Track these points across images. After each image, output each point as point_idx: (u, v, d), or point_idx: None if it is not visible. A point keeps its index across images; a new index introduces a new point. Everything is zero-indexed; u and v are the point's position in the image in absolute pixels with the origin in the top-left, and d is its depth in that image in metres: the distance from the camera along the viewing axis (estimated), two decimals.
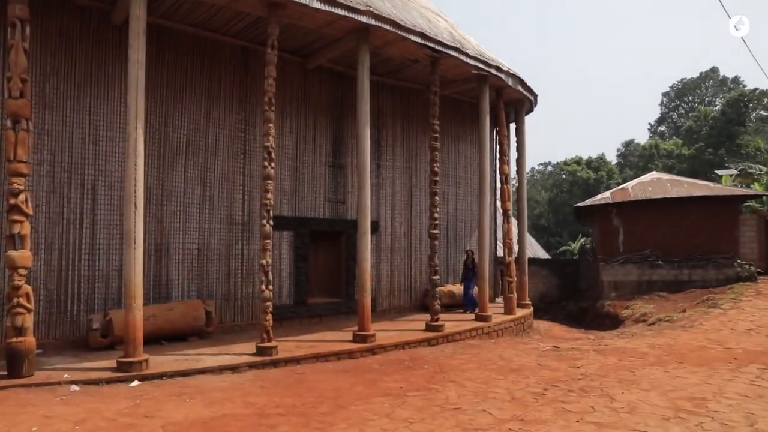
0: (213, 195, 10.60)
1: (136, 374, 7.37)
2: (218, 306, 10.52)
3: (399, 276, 13.71)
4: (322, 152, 12.30)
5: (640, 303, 17.65)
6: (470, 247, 15.58)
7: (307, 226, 11.83)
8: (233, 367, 8.06)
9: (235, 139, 10.96)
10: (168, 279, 9.99)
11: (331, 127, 12.51)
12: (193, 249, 10.31)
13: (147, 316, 8.92)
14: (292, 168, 11.75)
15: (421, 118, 14.40)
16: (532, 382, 7.64)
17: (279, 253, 11.41)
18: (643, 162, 53.74)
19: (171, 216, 10.06)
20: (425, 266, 14.22)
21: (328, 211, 12.35)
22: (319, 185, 12.20)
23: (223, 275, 10.68)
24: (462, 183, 15.47)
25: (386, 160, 13.56)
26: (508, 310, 13.53)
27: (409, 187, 14.04)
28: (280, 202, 11.49)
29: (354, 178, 12.72)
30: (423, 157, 14.39)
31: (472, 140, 15.83)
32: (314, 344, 9.53)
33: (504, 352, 10.42)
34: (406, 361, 9.22)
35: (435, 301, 11.22)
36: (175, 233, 10.09)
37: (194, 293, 10.28)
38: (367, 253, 9.84)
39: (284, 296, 11.47)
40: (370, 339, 9.70)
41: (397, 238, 13.69)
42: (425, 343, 10.60)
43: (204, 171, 10.52)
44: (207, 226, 10.50)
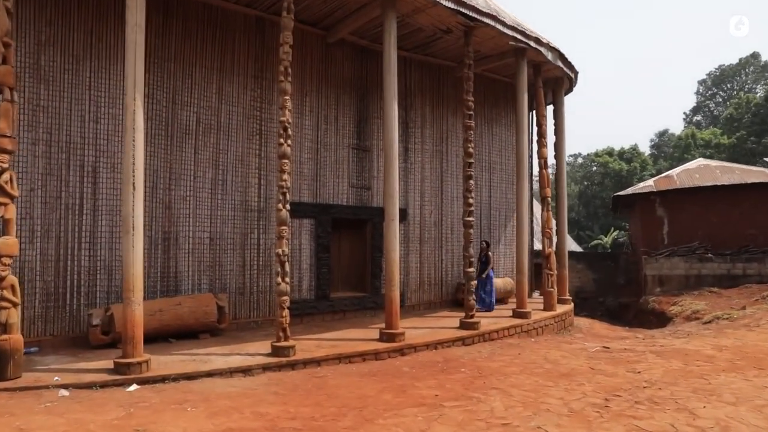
0: (226, 179, 9.70)
1: (135, 377, 6.50)
2: (232, 300, 9.64)
3: (429, 268, 12.66)
4: (345, 134, 11.31)
5: (690, 299, 16.28)
6: (505, 237, 14.45)
7: (329, 214, 10.86)
8: (245, 370, 7.14)
9: (250, 118, 10.03)
10: (177, 271, 9.12)
11: (354, 107, 11.50)
12: (205, 238, 9.42)
13: (153, 311, 8.10)
14: (313, 150, 10.79)
15: (453, 98, 13.31)
16: (589, 391, 6.53)
17: (298, 243, 10.48)
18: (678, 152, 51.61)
19: (180, 202, 9.19)
20: (458, 258, 13.16)
21: (352, 198, 11.36)
22: (342, 169, 11.22)
23: (238, 267, 9.78)
24: (496, 168, 14.33)
25: (415, 143, 12.50)
26: (547, 306, 12.40)
27: (439, 173, 12.97)
28: (300, 188, 10.54)
29: (380, 161, 11.72)
30: (454, 139, 13.30)
31: (507, 122, 14.68)
32: (336, 343, 8.57)
33: (548, 353, 9.32)
34: (439, 363, 8.20)
35: (470, 296, 10.17)
36: (184, 220, 9.22)
37: (206, 286, 9.40)
38: (395, 242, 8.83)
39: (304, 290, 10.54)
40: (398, 338, 8.70)
41: (426, 227, 12.64)
42: (459, 343, 9.56)
43: (216, 153, 9.62)
44: (220, 212, 9.60)
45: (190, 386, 6.51)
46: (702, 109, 63.73)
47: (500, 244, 14.33)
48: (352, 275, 11.76)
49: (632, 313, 18.52)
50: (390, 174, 8.85)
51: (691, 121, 63.82)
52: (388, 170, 8.86)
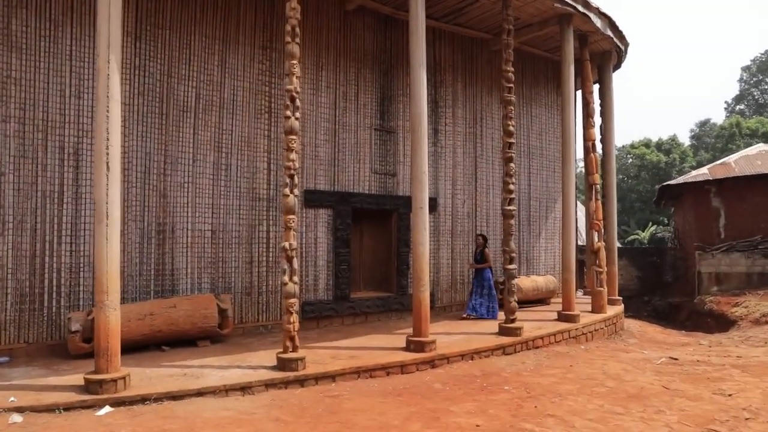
0: (230, 163, 8.50)
1: (108, 398, 5.33)
2: (237, 302, 8.45)
3: (462, 265, 11.29)
4: (366, 113, 10.01)
5: (755, 300, 14.53)
6: (546, 230, 12.98)
7: (348, 203, 9.58)
8: (244, 387, 5.91)
9: (257, 95, 8.81)
10: (173, 268, 7.97)
11: (377, 83, 10.19)
12: (206, 230, 8.25)
13: (142, 314, 6.96)
14: (330, 132, 9.51)
15: (487, 75, 11.90)
16: (673, 422, 5.12)
17: (314, 236, 9.23)
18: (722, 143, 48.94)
19: (177, 189, 8.02)
20: (494, 253, 11.74)
21: (375, 185, 10.06)
22: (363, 153, 9.92)
23: (244, 263, 8.58)
24: (536, 154, 12.85)
25: (445, 125, 11.13)
26: (597, 308, 10.93)
27: (473, 158, 11.57)
28: (315, 173, 9.29)
29: (406, 144, 10.39)
30: (489, 120, 11.89)
31: (548, 102, 13.18)
32: (356, 353, 7.29)
33: (606, 364, 7.89)
34: (477, 378, 6.86)
35: (511, 296, 8.79)
36: (182, 211, 8.05)
37: (207, 286, 8.23)
38: (424, 234, 7.50)
39: (320, 290, 9.29)
40: (428, 347, 7.38)
41: (459, 218, 11.26)
42: (499, 352, 8.20)
43: (218, 133, 8.43)
44: (223, 202, 8.41)
45: (174, 409, 5.31)
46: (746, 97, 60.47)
47: (540, 238, 12.86)
48: (375, 273, 10.48)
49: (684, 314, 16.81)
50: (417, 152, 7.52)
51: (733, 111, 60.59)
52: (416, 147, 7.54)
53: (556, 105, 13.30)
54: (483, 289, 10.17)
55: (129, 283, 7.57)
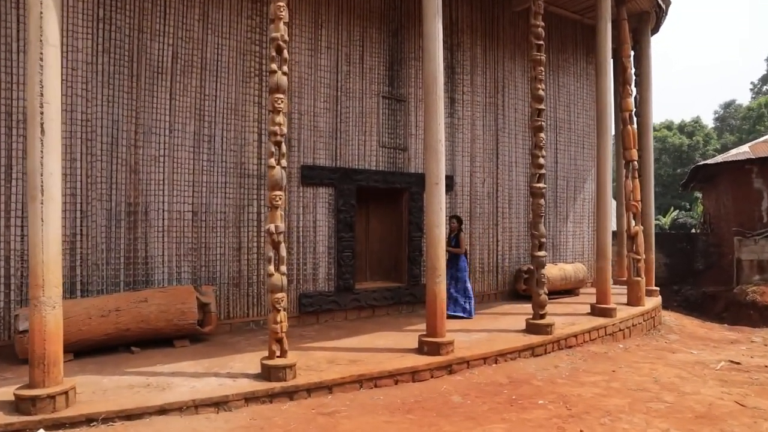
0: (214, 134, 7.33)
1: (43, 419, 4.23)
2: (224, 294, 7.33)
3: (481, 252, 10.07)
4: (373, 78, 8.76)
5: None
6: (574, 213, 11.70)
7: (353, 181, 8.37)
8: (219, 402, 4.80)
9: (246, 55, 7.61)
10: (147, 255, 6.84)
11: (385, 44, 8.92)
12: (185, 212, 7.10)
13: (105, 310, 5.87)
14: (331, 99, 8.29)
15: (510, 38, 10.57)
16: None
17: (312, 218, 8.06)
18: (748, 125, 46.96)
19: (150, 163, 6.87)
20: (516, 238, 10.54)
21: (383, 161, 8.84)
22: (370, 124, 8.69)
23: (231, 250, 7.44)
24: (563, 128, 11.53)
25: (463, 93, 9.85)
26: (633, 300, 9.69)
27: (494, 131, 10.28)
28: (314, 146, 8.09)
29: (419, 114, 9.15)
30: (512, 90, 10.58)
31: (577, 71, 11.82)
32: (359, 356, 6.14)
33: (654, 369, 6.68)
34: (504, 388, 5.69)
35: (540, 288, 7.59)
36: (156, 188, 6.90)
37: (187, 276, 7.11)
38: (441, 215, 6.29)
39: (320, 280, 8.13)
40: (445, 349, 6.21)
41: (478, 199, 10.02)
42: (527, 353, 7.02)
43: (200, 99, 7.25)
44: (206, 179, 7.25)
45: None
46: None
47: (568, 222, 11.59)
48: (383, 261, 9.30)
49: (721, 305, 15.44)
50: (432, 117, 6.29)
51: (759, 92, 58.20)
52: (430, 110, 6.31)
53: (586, 73, 11.96)
54: (457, 282, 8.48)
55: (93, 273, 6.47)
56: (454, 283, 8.40)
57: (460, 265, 8.50)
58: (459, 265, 8.48)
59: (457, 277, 8.47)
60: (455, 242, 8.43)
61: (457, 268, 8.47)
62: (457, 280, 8.47)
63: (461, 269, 8.51)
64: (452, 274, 8.29)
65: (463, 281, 8.50)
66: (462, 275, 8.49)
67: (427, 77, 6.34)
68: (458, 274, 8.47)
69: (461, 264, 8.51)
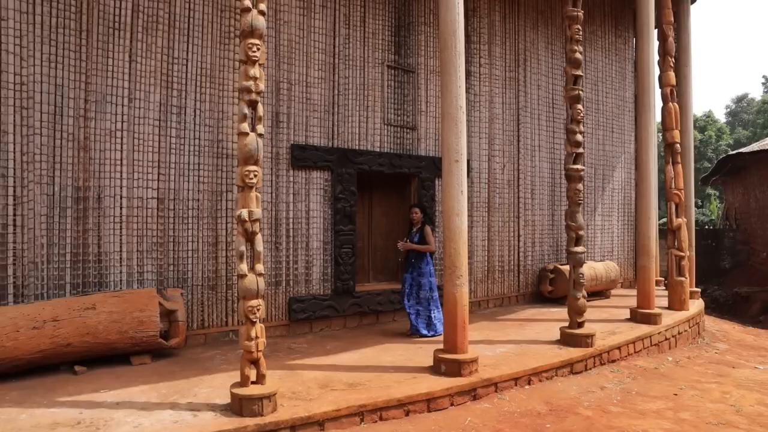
0: (184, 105, 6.06)
1: None
2: (196, 298, 6.07)
3: (501, 248, 8.78)
4: (376, 45, 7.48)
5: None
6: (602, 204, 10.42)
7: (352, 164, 7.10)
8: None
9: (224, 11, 6.34)
10: (100, 252, 5.58)
11: (391, 6, 7.64)
12: (149, 198, 5.84)
13: (38, 321, 4.66)
14: (327, 66, 7.02)
15: (531, 4, 9.28)
16: None
17: (305, 207, 6.80)
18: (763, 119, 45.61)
19: (104, 139, 5.61)
20: (540, 233, 9.26)
21: (389, 142, 7.57)
22: (372, 98, 7.42)
23: (206, 246, 6.18)
24: (590, 109, 10.23)
25: (479, 65, 8.56)
26: (676, 303, 8.44)
27: (514, 110, 8.99)
28: (306, 122, 6.82)
29: (430, 88, 7.88)
30: (535, 63, 9.29)
31: (605, 45, 10.52)
32: (359, 377, 4.87)
33: (727, 393, 5.41)
34: (546, 421, 4.43)
35: (578, 291, 6.34)
36: (113, 170, 5.65)
37: (151, 277, 5.84)
38: (461, 200, 5.04)
39: (314, 281, 6.87)
40: (468, 368, 4.94)
41: (497, 188, 8.73)
42: (566, 370, 5.75)
43: (168, 63, 5.99)
44: (174, 159, 5.99)
45: None
46: None
47: (596, 215, 10.29)
48: (389, 258, 8.02)
49: (757, 307, 14.14)
50: (450, 78, 5.03)
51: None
52: (448, 70, 5.04)
53: (615, 48, 10.67)
54: (421, 290, 6.54)
55: (30, 273, 5.21)
56: (414, 291, 6.56)
57: (424, 269, 6.58)
58: (422, 268, 6.57)
59: (420, 284, 6.55)
60: (419, 238, 6.62)
61: (420, 272, 6.57)
62: (420, 287, 6.55)
63: (425, 273, 6.58)
64: (413, 278, 6.58)
65: (427, 289, 6.57)
66: (426, 281, 6.58)
67: (444, 28, 5.07)
68: (421, 279, 6.56)
69: (425, 267, 6.59)
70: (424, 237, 6.60)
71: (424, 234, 6.61)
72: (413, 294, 6.56)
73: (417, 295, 6.55)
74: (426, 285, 6.57)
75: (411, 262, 6.62)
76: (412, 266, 6.61)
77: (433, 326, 6.56)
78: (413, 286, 6.57)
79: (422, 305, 6.58)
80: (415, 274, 6.58)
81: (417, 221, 6.67)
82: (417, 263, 6.59)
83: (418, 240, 6.61)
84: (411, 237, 6.68)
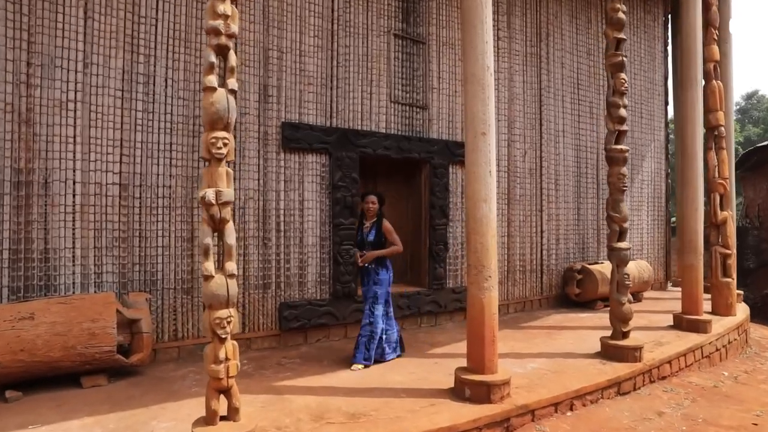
0: (153, 73, 5.07)
1: None
2: (167, 305, 5.07)
3: (522, 245, 7.77)
4: (382, 10, 6.48)
5: None
6: (630, 198, 9.42)
7: (354, 147, 6.10)
8: None
9: None
10: (47, 249, 4.59)
11: None
12: (109, 185, 4.85)
13: None
14: (324, 33, 6.03)
15: None
16: None
17: (298, 197, 5.80)
18: None
19: (53, 112, 4.63)
20: (565, 228, 8.27)
21: (396, 122, 6.57)
22: (377, 71, 6.42)
23: (180, 241, 5.18)
24: None
25: (497, 38, 7.57)
26: (722, 308, 7.44)
27: (536, 90, 7.99)
28: (300, 98, 5.83)
29: (443, 63, 6.89)
30: (557, 38, 8.29)
31: (633, 22, 9.53)
32: (362, 404, 3.86)
33: None
34: None
35: (623, 294, 5.37)
36: (63, 150, 4.66)
37: (112, 279, 4.85)
38: (489, 182, 4.04)
39: (309, 283, 5.87)
40: (499, 392, 3.94)
41: (518, 177, 7.73)
42: (612, 391, 4.75)
43: (132, 22, 5.00)
44: (140, 137, 5.00)
45: None
46: None
47: None
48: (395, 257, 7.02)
49: None
50: (475, 32, 4.07)
51: None
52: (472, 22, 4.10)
53: (644, 25, 9.67)
54: (374, 304, 4.95)
55: None
56: (369, 305, 4.98)
57: (381, 276, 5.03)
58: (380, 275, 5.02)
59: (375, 295, 4.98)
60: (376, 235, 5.04)
61: (377, 281, 5.00)
62: (375, 299, 4.97)
63: (383, 282, 5.02)
64: (369, 290, 5.02)
65: (384, 299, 5.03)
66: (383, 291, 5.02)
67: None
68: (377, 289, 4.99)
69: (383, 274, 5.04)
70: (384, 234, 5.07)
71: (383, 230, 5.07)
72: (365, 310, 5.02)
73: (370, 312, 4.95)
74: (383, 297, 5.01)
75: (365, 271, 5.08)
76: (366, 275, 5.07)
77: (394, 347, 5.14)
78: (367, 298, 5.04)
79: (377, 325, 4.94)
80: (370, 284, 5.03)
81: (372, 215, 5.13)
82: (374, 271, 5.02)
83: (374, 238, 5.05)
84: (364, 234, 5.13)
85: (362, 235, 5.16)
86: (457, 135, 7.02)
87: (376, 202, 5.13)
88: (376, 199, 5.14)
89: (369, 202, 5.12)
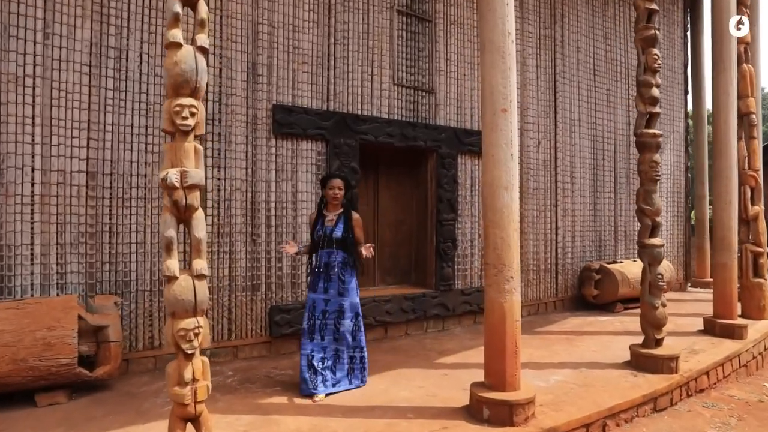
0: (126, 47, 4.48)
1: None
2: (141, 309, 4.48)
3: (536, 243, 7.18)
4: None
5: None
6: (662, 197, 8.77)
7: (354, 134, 5.50)
8: None
9: None
10: (1, 245, 4.00)
11: None
12: (74, 173, 4.26)
13: None
14: (321, 7, 5.44)
15: None
16: None
17: (291, 188, 5.21)
18: None
19: (7, 88, 4.03)
20: (581, 225, 7.69)
21: (400, 107, 5.97)
22: (379, 51, 5.82)
23: (156, 239, 4.58)
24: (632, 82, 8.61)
25: None
26: (753, 311, 6.84)
27: (550, 75, 7.39)
28: (293, 78, 5.24)
29: (450, 43, 6.30)
30: (573, 20, 7.70)
31: None
32: (363, 427, 3.27)
33: None
34: None
35: (656, 297, 4.77)
36: (19, 133, 4.07)
37: (78, 279, 4.26)
38: (511, 167, 3.45)
39: (303, 285, 5.27)
40: (523, 413, 3.36)
41: (531, 169, 7.14)
42: (648, 407, 4.17)
43: None
44: (111, 119, 4.41)
45: None
46: None
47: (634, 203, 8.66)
48: (399, 256, 6.44)
49: None
50: None
51: None
52: None
53: (662, 9, 9.09)
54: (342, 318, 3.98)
55: None
56: (331, 321, 3.95)
57: (349, 283, 4.02)
58: (345, 278, 4.00)
59: (341, 309, 3.98)
60: (344, 230, 3.99)
61: (345, 286, 4.00)
62: (341, 313, 3.98)
63: (351, 290, 4.04)
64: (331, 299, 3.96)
65: (353, 315, 4.04)
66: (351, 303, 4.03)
67: None
68: (343, 300, 3.99)
69: (350, 276, 4.04)
70: (353, 229, 4.05)
71: (351, 224, 4.04)
72: (327, 326, 3.95)
73: (335, 328, 3.96)
74: (351, 309, 4.02)
75: (329, 271, 3.98)
76: (327, 279, 3.97)
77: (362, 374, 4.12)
78: (329, 312, 3.95)
79: (343, 343, 3.99)
80: (332, 292, 3.96)
81: (338, 204, 4.08)
82: (341, 273, 3.99)
83: (342, 234, 3.99)
84: (326, 229, 4.00)
85: (324, 230, 3.99)
86: (466, 122, 6.43)
87: (343, 188, 4.06)
88: (342, 185, 4.07)
89: (334, 187, 4.02)
